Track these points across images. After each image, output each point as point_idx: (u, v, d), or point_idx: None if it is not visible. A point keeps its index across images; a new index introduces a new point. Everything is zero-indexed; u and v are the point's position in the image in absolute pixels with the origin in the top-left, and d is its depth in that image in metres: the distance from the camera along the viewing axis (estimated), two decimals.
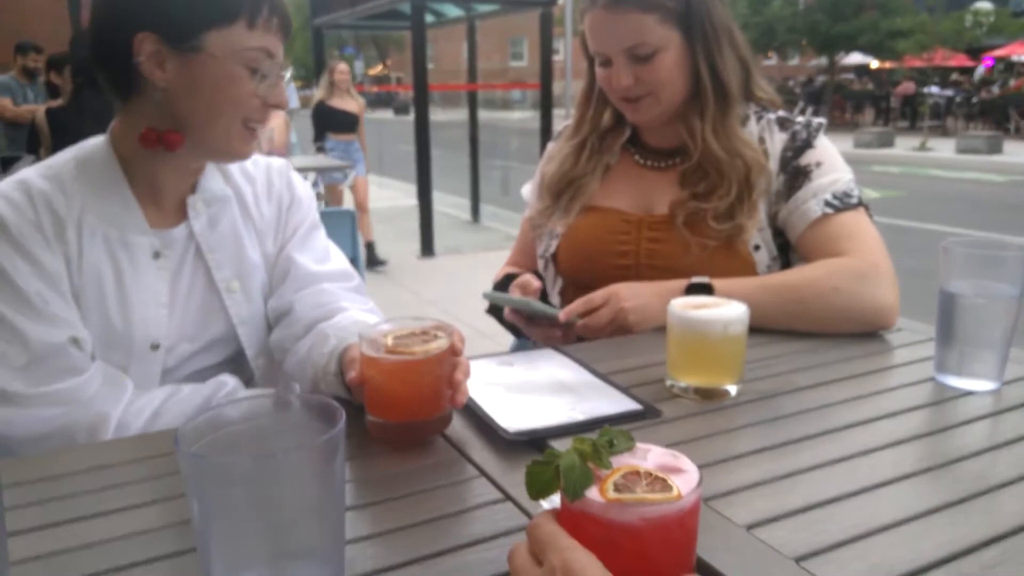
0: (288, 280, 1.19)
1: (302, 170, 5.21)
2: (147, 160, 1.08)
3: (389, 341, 0.87)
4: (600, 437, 0.57)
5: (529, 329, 1.34)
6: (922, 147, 14.71)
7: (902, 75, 23.99)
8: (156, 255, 1.10)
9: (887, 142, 15.72)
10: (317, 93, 6.33)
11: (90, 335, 1.03)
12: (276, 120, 5.05)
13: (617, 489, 0.54)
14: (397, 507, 0.76)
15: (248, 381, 1.18)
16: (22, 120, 5.50)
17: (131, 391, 1.04)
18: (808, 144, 1.33)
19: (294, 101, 8.14)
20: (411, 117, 6.85)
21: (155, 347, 1.09)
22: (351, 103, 6.24)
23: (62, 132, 3.51)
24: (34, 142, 3.79)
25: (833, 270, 1.22)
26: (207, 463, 0.46)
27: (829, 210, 1.27)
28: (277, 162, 1.27)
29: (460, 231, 7.85)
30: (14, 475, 0.81)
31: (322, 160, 5.76)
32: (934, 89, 21.07)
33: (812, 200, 1.28)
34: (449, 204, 8.78)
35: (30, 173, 1.04)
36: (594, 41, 1.34)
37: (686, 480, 0.55)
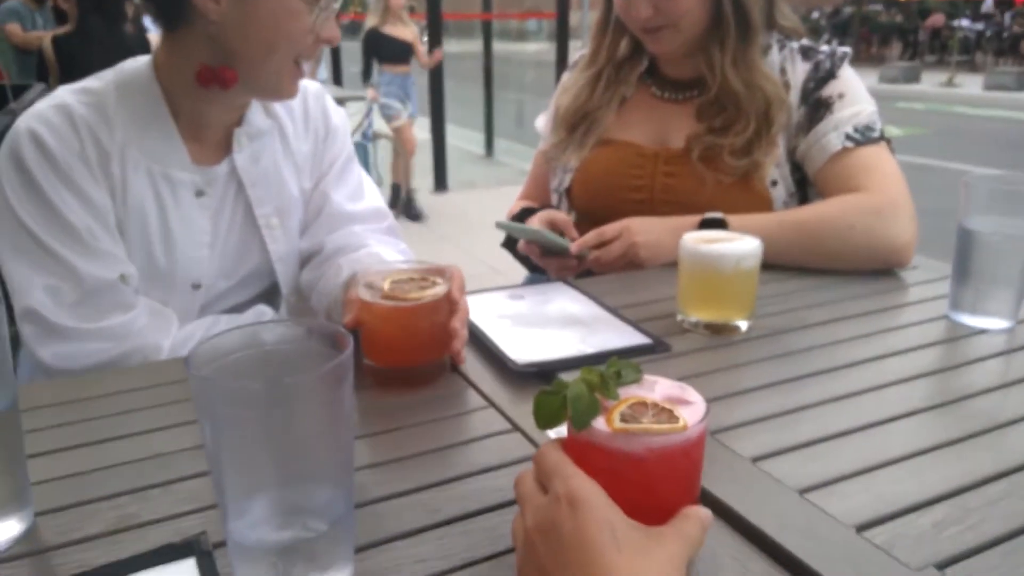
0: (321, 218, 1.18)
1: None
2: (194, 95, 1.04)
3: (386, 286, 0.86)
4: (608, 368, 0.57)
5: (542, 260, 1.33)
6: (949, 83, 14.31)
7: (931, 6, 23.14)
8: (199, 193, 1.08)
9: (913, 77, 15.29)
10: (368, 20, 5.78)
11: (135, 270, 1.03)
12: None
13: (623, 419, 0.54)
14: (407, 436, 0.77)
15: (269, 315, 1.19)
16: (31, 47, 5.42)
17: (176, 322, 1.05)
18: (831, 75, 1.29)
19: None
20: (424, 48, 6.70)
21: (196, 286, 1.09)
22: (405, 31, 5.67)
23: (69, 60, 3.47)
24: (44, 70, 3.75)
25: (849, 206, 1.20)
26: (216, 386, 0.47)
27: (849, 144, 1.24)
28: (312, 86, 1.22)
29: (474, 165, 7.78)
30: (33, 399, 0.83)
31: (335, 91, 5.62)
32: (964, 22, 20.34)
33: (832, 133, 1.25)
34: (463, 138, 8.67)
35: (69, 97, 1.01)
36: None
37: (693, 411, 0.55)
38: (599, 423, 0.54)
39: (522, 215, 1.43)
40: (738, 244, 0.97)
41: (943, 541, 0.58)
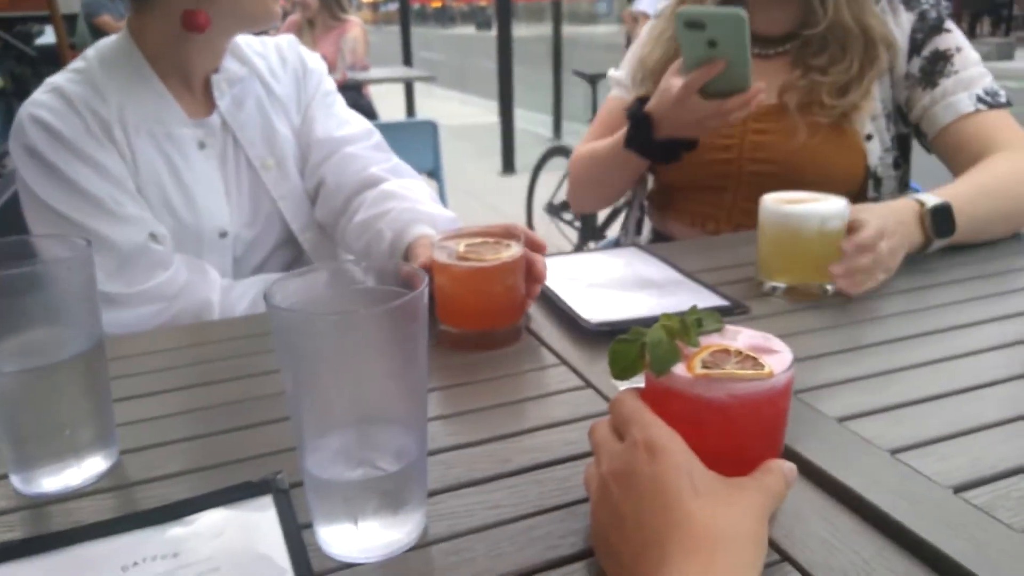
0: (313, 150, 1.20)
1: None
2: (177, 48, 1.08)
3: (461, 248, 0.85)
4: (688, 315, 0.55)
5: (698, 104, 1.14)
6: None
7: None
8: (201, 145, 1.11)
9: (1006, 54, 14.47)
10: None
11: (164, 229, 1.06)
12: (354, 30, 4.89)
13: (705, 366, 0.52)
14: (479, 390, 0.76)
15: (300, 256, 1.22)
16: None
17: (217, 275, 1.07)
18: (940, 25, 1.25)
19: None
20: (493, 32, 6.68)
21: (223, 235, 1.12)
22: None
23: None
24: None
25: (1016, 165, 1.13)
26: (294, 318, 0.47)
27: (982, 107, 1.20)
28: (283, 37, 1.27)
29: (542, 148, 7.74)
30: (120, 349, 0.86)
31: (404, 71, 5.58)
32: None
33: (963, 93, 1.21)
34: (531, 121, 8.64)
35: (59, 80, 1.05)
36: None
37: (779, 360, 0.53)
38: (679, 369, 0.52)
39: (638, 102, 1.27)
40: (822, 204, 0.93)
41: None
